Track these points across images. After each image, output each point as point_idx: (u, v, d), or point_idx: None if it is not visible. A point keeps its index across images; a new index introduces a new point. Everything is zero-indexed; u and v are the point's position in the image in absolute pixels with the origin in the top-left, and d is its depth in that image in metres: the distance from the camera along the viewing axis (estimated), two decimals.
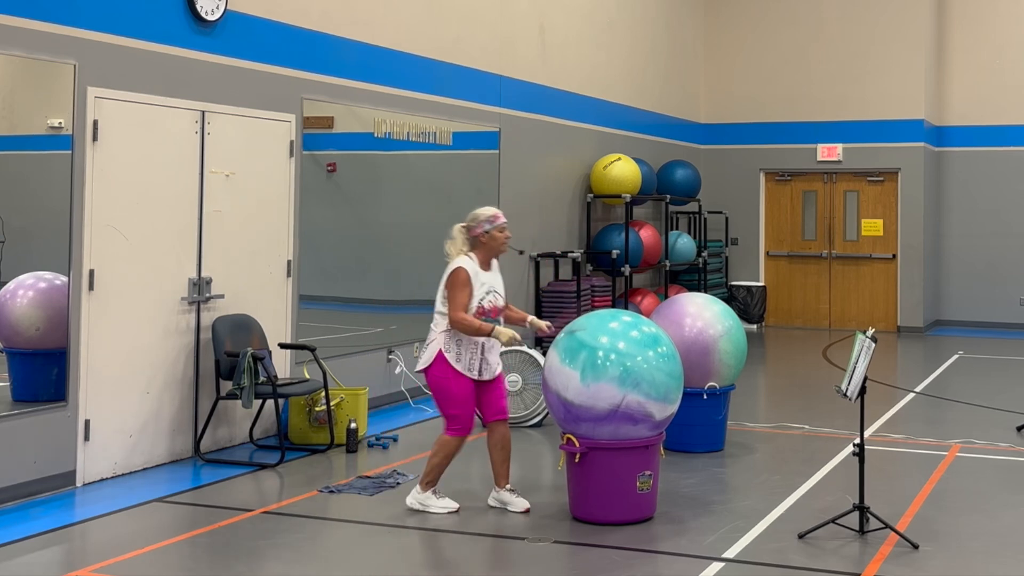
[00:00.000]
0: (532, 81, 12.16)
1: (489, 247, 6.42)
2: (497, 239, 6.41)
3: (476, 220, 6.41)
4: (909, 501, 6.71)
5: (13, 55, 6.57)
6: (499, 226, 6.41)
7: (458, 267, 6.30)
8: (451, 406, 6.32)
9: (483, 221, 6.39)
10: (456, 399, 6.30)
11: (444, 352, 6.28)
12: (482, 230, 6.39)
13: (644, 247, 13.32)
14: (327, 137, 9.23)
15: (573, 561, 5.74)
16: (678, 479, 7.16)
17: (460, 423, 6.34)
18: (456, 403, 6.31)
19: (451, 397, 6.30)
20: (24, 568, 5.48)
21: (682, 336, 7.79)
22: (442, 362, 6.28)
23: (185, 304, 7.67)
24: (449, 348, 6.28)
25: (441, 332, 6.30)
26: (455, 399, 6.30)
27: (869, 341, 5.90)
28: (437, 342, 6.30)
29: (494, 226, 6.40)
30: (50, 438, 6.73)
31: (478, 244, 6.40)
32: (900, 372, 12.68)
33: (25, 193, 7.03)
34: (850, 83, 16.35)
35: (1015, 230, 16.32)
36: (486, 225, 6.39)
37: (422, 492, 6.42)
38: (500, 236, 6.42)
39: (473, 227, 6.40)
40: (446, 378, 6.28)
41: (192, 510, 6.54)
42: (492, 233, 6.39)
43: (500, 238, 6.42)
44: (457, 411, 6.32)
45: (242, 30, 8.17)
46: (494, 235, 6.40)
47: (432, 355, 6.30)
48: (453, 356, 6.28)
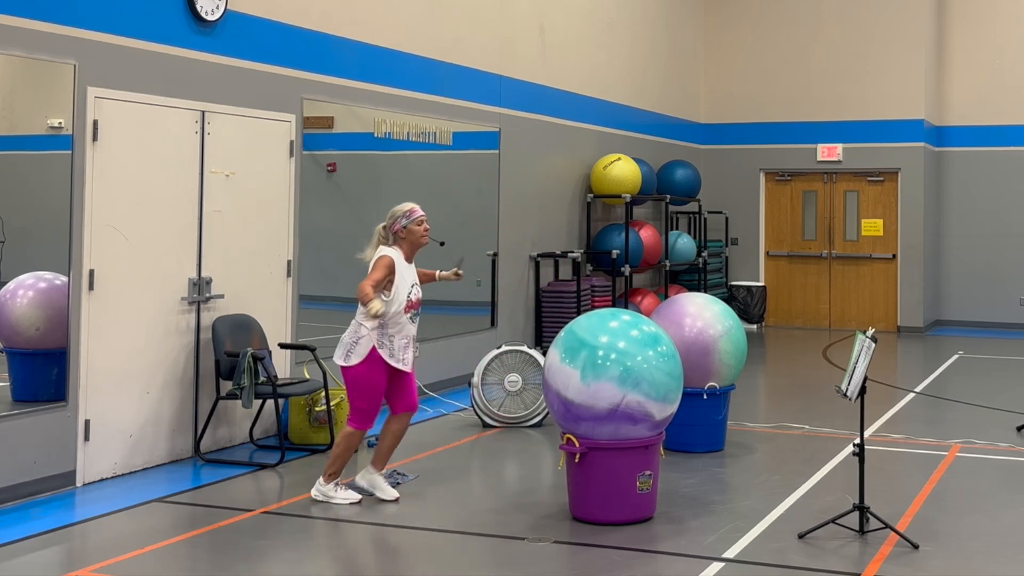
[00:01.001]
0: (532, 81, 12.16)
1: (408, 241, 6.61)
2: (415, 232, 6.61)
3: (393, 217, 6.61)
4: (909, 501, 6.71)
5: (13, 55, 6.57)
6: (416, 219, 6.61)
7: (384, 253, 6.52)
8: (363, 399, 6.50)
9: (400, 216, 6.60)
10: (369, 394, 6.49)
11: (377, 348, 6.43)
12: (400, 225, 6.59)
13: (644, 247, 13.32)
14: (327, 137, 9.23)
15: (573, 561, 5.74)
16: (678, 479, 7.16)
17: (364, 416, 6.53)
18: (369, 397, 6.49)
19: (367, 392, 6.48)
20: (24, 568, 5.48)
21: (682, 336, 7.79)
22: (373, 360, 6.42)
23: (185, 304, 7.67)
24: (382, 344, 6.44)
25: (373, 329, 6.43)
26: (369, 394, 6.49)
27: (869, 341, 5.90)
28: (368, 339, 6.44)
29: (411, 220, 6.60)
30: (50, 438, 6.73)
31: (398, 240, 6.60)
32: (900, 372, 12.68)
33: (25, 193, 7.03)
34: (850, 83, 16.36)
35: (1015, 230, 16.32)
36: (403, 220, 6.59)
37: (325, 483, 6.58)
38: (418, 229, 6.62)
39: (391, 224, 6.60)
40: (367, 375, 6.45)
41: (192, 510, 6.54)
42: (410, 227, 6.60)
43: (418, 231, 6.62)
44: (367, 405, 6.51)
45: (242, 30, 8.17)
46: (412, 229, 6.60)
47: (364, 352, 6.42)
48: (387, 352, 6.45)
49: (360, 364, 6.45)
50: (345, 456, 6.58)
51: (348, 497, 6.55)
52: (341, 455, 6.56)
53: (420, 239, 6.63)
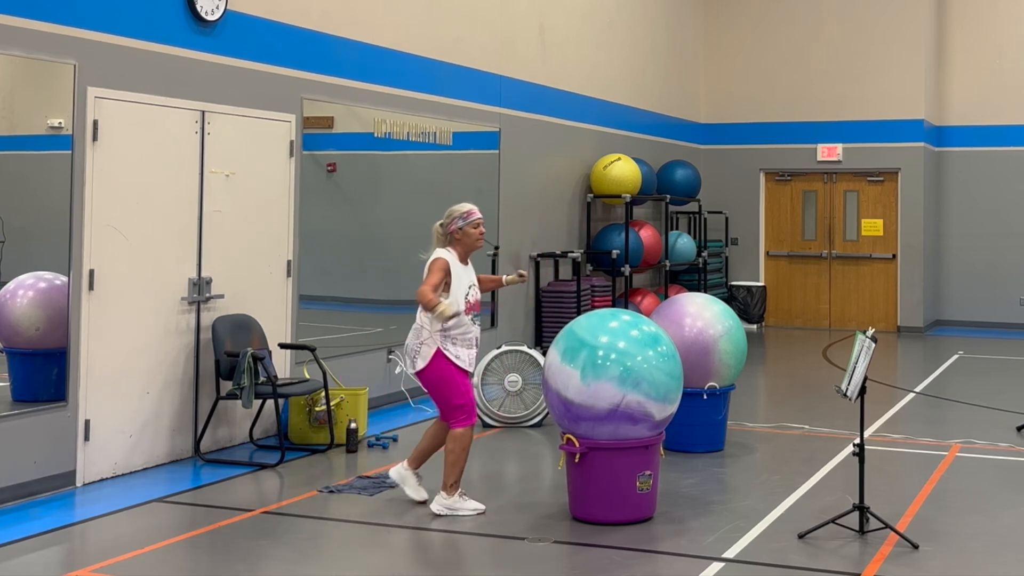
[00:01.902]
0: (532, 81, 12.16)
1: (464, 243, 6.47)
2: (471, 235, 6.47)
3: (451, 217, 6.49)
4: (909, 501, 6.71)
5: (13, 55, 6.57)
6: (473, 222, 6.47)
7: (438, 256, 6.39)
8: (455, 396, 6.35)
9: (457, 218, 6.47)
10: (458, 389, 6.34)
11: (443, 351, 6.31)
12: (456, 226, 6.46)
13: (644, 247, 13.32)
14: (327, 137, 9.23)
15: (573, 561, 5.74)
16: (678, 479, 7.16)
17: (466, 412, 6.36)
18: (459, 393, 6.34)
19: (454, 388, 6.33)
20: (24, 568, 5.48)
21: (682, 336, 7.79)
22: (440, 359, 6.31)
23: (185, 304, 7.67)
24: (447, 346, 6.32)
25: (436, 331, 6.32)
26: (457, 389, 6.34)
27: (869, 341, 5.90)
28: (432, 341, 6.33)
29: (467, 222, 6.46)
30: (50, 438, 6.73)
31: (453, 240, 6.47)
32: (900, 372, 12.68)
33: (25, 193, 7.03)
34: (850, 83, 16.36)
35: (1015, 230, 16.32)
36: (459, 221, 6.46)
37: (448, 496, 6.36)
38: (474, 232, 6.48)
39: (448, 224, 6.48)
40: (444, 370, 6.32)
41: (192, 510, 6.54)
42: (466, 229, 6.46)
43: (474, 234, 6.48)
44: (462, 400, 6.35)
45: (242, 30, 8.17)
46: (467, 231, 6.46)
47: (430, 354, 6.32)
48: (453, 354, 6.32)
49: (432, 366, 6.32)
50: (461, 461, 6.34)
51: (475, 508, 6.36)
52: (456, 461, 6.32)
53: (475, 242, 6.48)
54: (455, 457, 6.34)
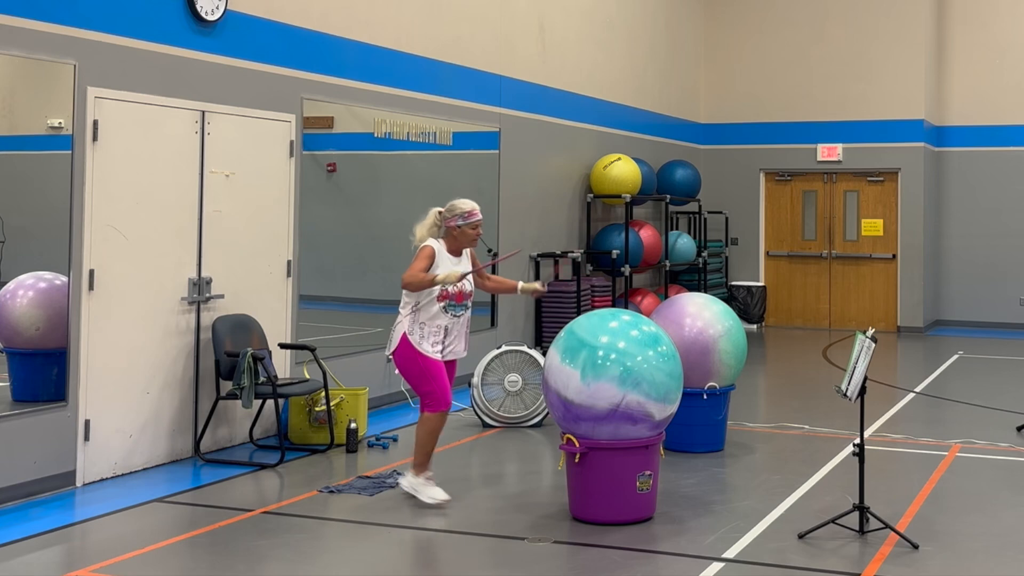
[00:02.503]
0: (532, 81, 12.16)
1: (459, 240, 6.58)
2: (468, 235, 6.58)
3: (452, 212, 6.55)
4: (909, 501, 6.71)
5: (13, 55, 6.57)
6: (472, 223, 6.56)
7: (426, 244, 6.50)
8: (424, 382, 6.44)
9: (458, 216, 6.54)
10: (427, 374, 6.43)
11: (408, 335, 6.42)
12: (454, 224, 6.54)
13: (644, 247, 13.32)
14: (327, 137, 9.23)
15: (573, 561, 5.74)
16: (678, 479, 7.16)
17: (434, 398, 6.45)
18: (428, 378, 6.43)
19: (422, 373, 6.43)
20: (24, 568, 5.48)
21: (682, 336, 7.79)
22: (405, 344, 6.42)
23: (185, 304, 7.67)
24: (412, 331, 6.42)
25: (406, 316, 6.44)
26: (426, 374, 6.43)
27: (869, 341, 5.90)
28: (402, 325, 6.45)
29: (467, 222, 6.55)
30: (50, 438, 6.73)
31: (449, 234, 6.56)
32: (900, 372, 12.68)
33: (25, 193, 7.03)
34: (850, 83, 16.36)
35: (1015, 230, 16.32)
36: (459, 220, 6.54)
37: (415, 476, 6.54)
38: (471, 233, 6.58)
39: (448, 217, 6.56)
40: (412, 358, 6.41)
41: (192, 510, 6.54)
42: (464, 229, 6.55)
43: (471, 235, 6.58)
44: (431, 387, 6.44)
45: (242, 30, 8.17)
46: (465, 231, 6.56)
47: (398, 337, 6.45)
48: (416, 338, 6.41)
49: (399, 349, 6.43)
50: (427, 443, 6.48)
51: (435, 496, 6.47)
52: (423, 444, 6.48)
53: (470, 242, 6.61)
54: (420, 439, 6.49)
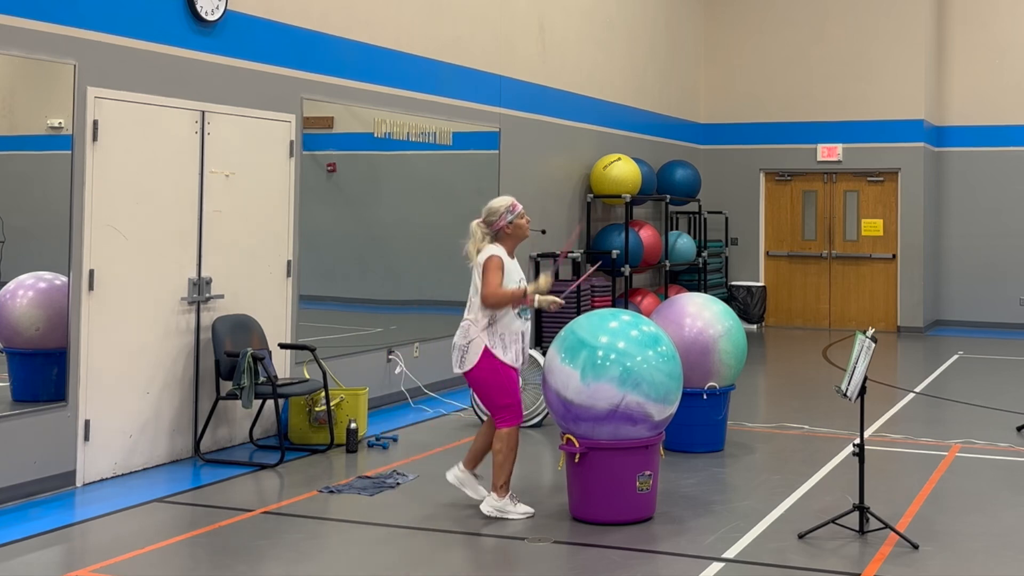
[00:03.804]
0: (532, 81, 12.16)
1: (515, 236, 6.44)
2: (522, 227, 6.45)
3: (496, 213, 6.40)
4: (909, 501, 6.71)
5: (13, 55, 6.57)
6: (519, 213, 6.43)
7: (492, 254, 6.31)
8: (502, 396, 6.30)
9: (504, 212, 6.39)
10: (506, 389, 6.30)
11: (490, 348, 6.26)
12: (505, 221, 6.39)
13: (644, 247, 13.32)
14: (327, 137, 9.23)
15: (573, 561, 5.74)
16: (678, 479, 7.16)
17: (513, 412, 6.33)
18: (507, 392, 6.30)
19: (502, 388, 6.29)
20: (24, 568, 5.48)
21: (682, 336, 7.79)
22: (488, 358, 6.26)
23: (185, 304, 7.67)
24: (494, 344, 6.27)
25: (482, 331, 6.27)
26: (505, 389, 6.30)
27: (869, 341, 5.90)
28: (480, 340, 6.27)
29: (515, 215, 6.41)
30: (50, 438, 6.73)
31: (503, 235, 6.41)
32: (900, 372, 12.68)
33: (25, 193, 7.03)
34: (850, 83, 16.36)
35: (1015, 230, 16.32)
36: (508, 216, 6.39)
37: (499, 499, 6.31)
38: (523, 223, 6.46)
39: (495, 220, 6.40)
40: (494, 371, 6.27)
41: (192, 510, 6.54)
42: (516, 222, 6.42)
43: (524, 225, 6.46)
44: (509, 400, 6.31)
45: (242, 30, 8.17)
46: (517, 223, 6.42)
47: (478, 353, 6.27)
48: (500, 351, 6.27)
49: (480, 364, 6.26)
50: (510, 460, 6.31)
51: (525, 512, 6.33)
52: (504, 462, 6.27)
53: (525, 233, 6.47)
54: (502, 458, 6.30)
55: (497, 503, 6.31)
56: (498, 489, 6.32)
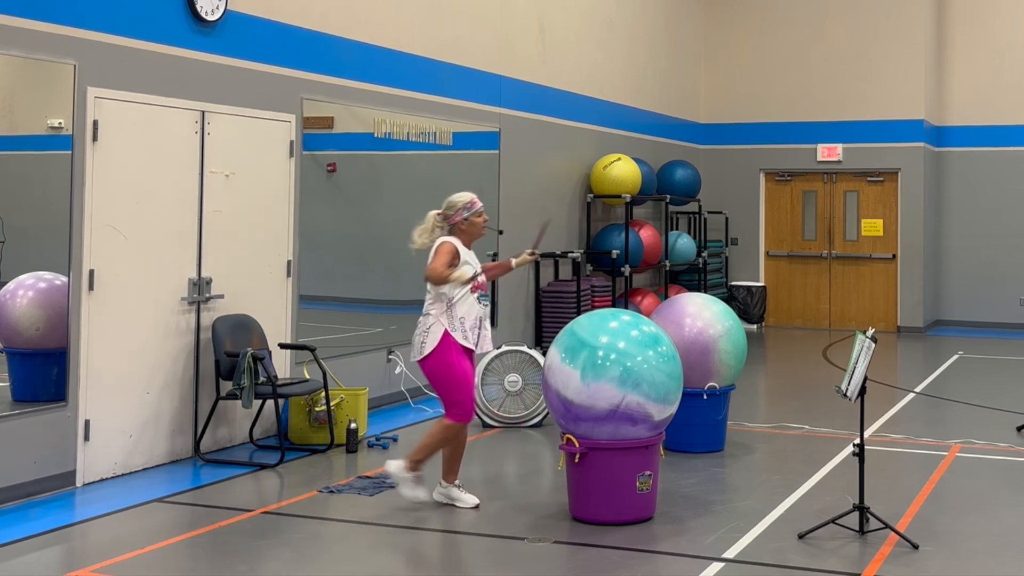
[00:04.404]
0: (532, 81, 12.16)
1: (469, 232, 6.48)
2: (477, 224, 6.49)
3: (454, 207, 6.45)
4: (909, 501, 6.71)
5: (13, 55, 6.57)
6: (477, 211, 6.47)
7: (445, 240, 6.38)
8: (456, 390, 6.32)
9: (461, 208, 6.44)
10: (459, 382, 6.32)
11: (450, 331, 6.28)
12: (461, 217, 6.44)
13: (644, 247, 13.32)
14: (327, 137, 9.23)
15: (573, 561, 5.74)
16: (678, 479, 7.16)
17: (462, 409, 6.35)
18: (460, 387, 6.32)
19: (455, 381, 6.31)
20: (24, 568, 5.48)
21: (682, 336, 7.79)
22: (445, 346, 6.28)
23: (185, 304, 7.67)
24: (454, 328, 6.29)
25: (441, 314, 6.31)
26: (459, 383, 6.32)
27: (869, 341, 5.90)
28: (439, 325, 6.31)
29: (472, 212, 6.46)
30: (50, 438, 6.73)
31: (457, 231, 6.46)
32: (900, 372, 12.68)
33: (25, 193, 7.03)
34: (850, 83, 16.36)
35: (1015, 230, 16.32)
36: (464, 212, 6.45)
37: (405, 470, 6.44)
38: (479, 221, 6.49)
39: (451, 215, 6.45)
40: (448, 363, 6.29)
41: (192, 510, 6.54)
42: (471, 219, 6.46)
43: (479, 223, 6.50)
44: (462, 395, 6.33)
45: (242, 30, 8.17)
46: (473, 221, 6.47)
47: (436, 338, 6.29)
48: (460, 336, 6.29)
49: (436, 351, 6.28)
50: (433, 447, 6.38)
51: (415, 496, 6.42)
52: (429, 445, 6.39)
53: (480, 231, 6.51)
54: (431, 440, 6.39)
55: (402, 473, 6.43)
56: (411, 462, 6.42)
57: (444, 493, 6.54)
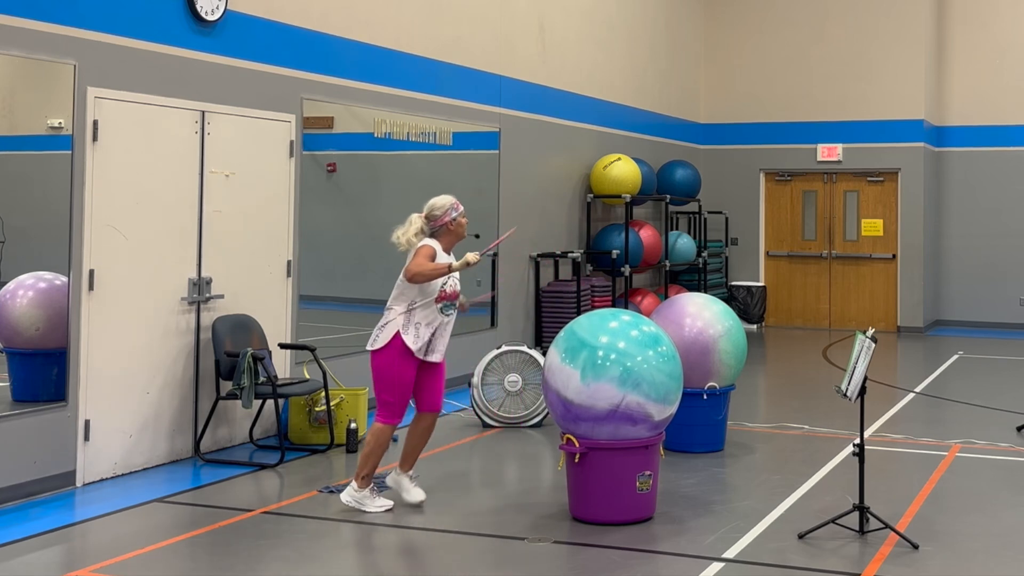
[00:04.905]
0: (532, 81, 12.16)
1: (455, 233, 6.51)
2: (462, 225, 6.54)
3: (442, 209, 6.48)
4: (909, 501, 6.71)
5: (13, 55, 6.57)
6: (462, 212, 6.54)
7: (425, 243, 6.40)
8: (389, 392, 6.36)
9: (449, 209, 6.48)
10: (395, 386, 6.35)
11: (402, 333, 6.32)
12: (449, 218, 6.47)
13: (644, 247, 13.32)
14: (327, 137, 9.23)
15: (573, 561, 5.74)
16: (678, 479, 7.16)
17: (392, 411, 6.38)
18: (395, 390, 6.35)
19: (392, 383, 6.35)
20: (24, 568, 5.48)
21: (682, 336, 7.79)
22: (394, 346, 6.31)
23: (185, 304, 7.67)
24: (407, 330, 6.33)
25: (400, 314, 6.35)
26: (395, 386, 6.35)
27: (869, 341, 5.90)
28: (394, 324, 6.35)
29: (459, 213, 6.51)
30: (50, 438, 6.73)
31: (444, 232, 6.48)
32: (900, 372, 12.68)
33: (25, 193, 7.03)
34: (850, 83, 16.36)
35: (1015, 230, 16.32)
36: (452, 212, 6.48)
37: (359, 490, 6.38)
38: (464, 222, 6.55)
39: (439, 216, 6.47)
40: (391, 365, 6.33)
41: (192, 510, 6.54)
42: (458, 220, 6.50)
43: (464, 224, 6.55)
44: (394, 399, 6.36)
45: (242, 30, 8.17)
46: (459, 221, 6.51)
47: (388, 336, 6.34)
48: (411, 338, 6.31)
49: (384, 349, 6.32)
50: (376, 455, 6.37)
51: (383, 505, 6.39)
52: (370, 454, 6.35)
53: (463, 232, 6.56)
54: (368, 449, 6.37)
55: (356, 494, 6.37)
56: (359, 479, 6.38)
57: (395, 480, 6.56)
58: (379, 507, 6.38)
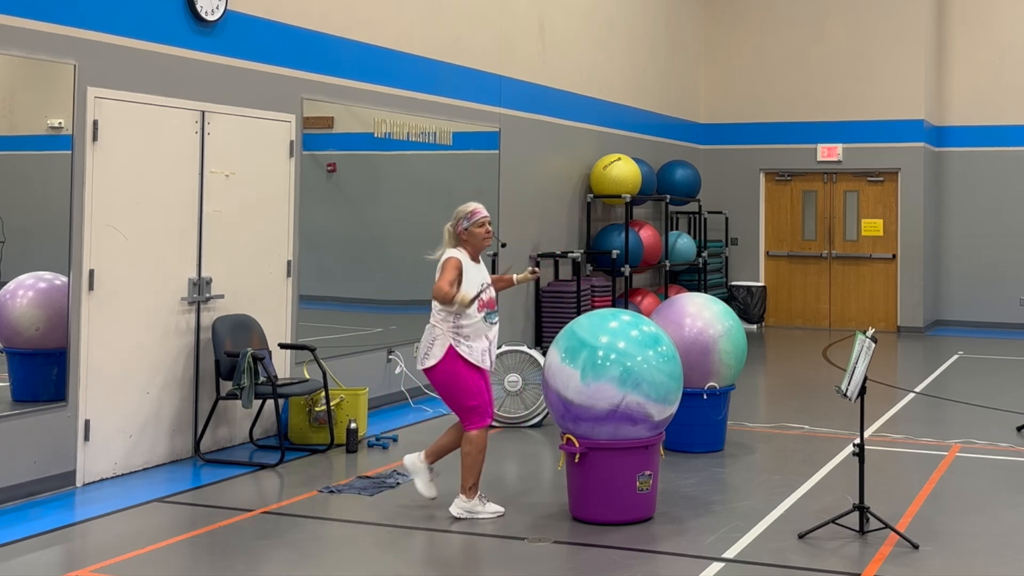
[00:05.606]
0: (532, 81, 12.16)
1: (471, 243, 6.38)
2: (477, 235, 6.36)
3: (456, 217, 6.40)
4: (909, 501, 6.71)
5: (13, 55, 6.57)
6: (477, 221, 6.36)
7: (450, 255, 6.31)
8: (468, 398, 6.24)
9: (462, 218, 6.38)
10: (471, 390, 6.24)
11: (455, 346, 6.21)
12: (462, 227, 6.37)
13: (644, 247, 13.32)
14: (327, 137, 9.23)
15: (573, 561, 5.74)
16: (678, 479, 7.16)
17: (480, 413, 6.27)
18: (472, 394, 6.24)
19: (466, 389, 6.24)
20: (24, 568, 5.48)
21: (682, 336, 7.79)
22: (452, 357, 6.21)
23: (185, 304, 7.67)
24: (458, 343, 6.21)
25: (448, 329, 6.23)
26: (470, 390, 6.24)
27: (869, 341, 5.90)
28: (445, 338, 6.23)
29: (472, 222, 6.35)
30: (50, 438, 6.73)
31: (462, 241, 6.38)
32: (900, 372, 12.68)
33: (25, 193, 7.03)
34: (850, 83, 16.36)
35: (1015, 230, 16.32)
36: (464, 222, 6.37)
37: (468, 500, 6.28)
38: (479, 231, 6.36)
39: (454, 224, 6.40)
40: (456, 371, 6.22)
41: (192, 510, 6.54)
42: (471, 229, 6.35)
43: (480, 233, 6.37)
44: (475, 402, 6.25)
45: (242, 30, 8.17)
46: (473, 231, 6.35)
47: (442, 351, 6.21)
48: (465, 349, 6.21)
49: (441, 363, 6.20)
50: (478, 463, 6.25)
51: (495, 511, 6.31)
52: (472, 464, 6.22)
53: (483, 241, 6.38)
54: (471, 460, 6.25)
55: (466, 504, 6.29)
56: (466, 491, 6.28)
57: (415, 464, 6.45)
58: (492, 513, 6.30)
